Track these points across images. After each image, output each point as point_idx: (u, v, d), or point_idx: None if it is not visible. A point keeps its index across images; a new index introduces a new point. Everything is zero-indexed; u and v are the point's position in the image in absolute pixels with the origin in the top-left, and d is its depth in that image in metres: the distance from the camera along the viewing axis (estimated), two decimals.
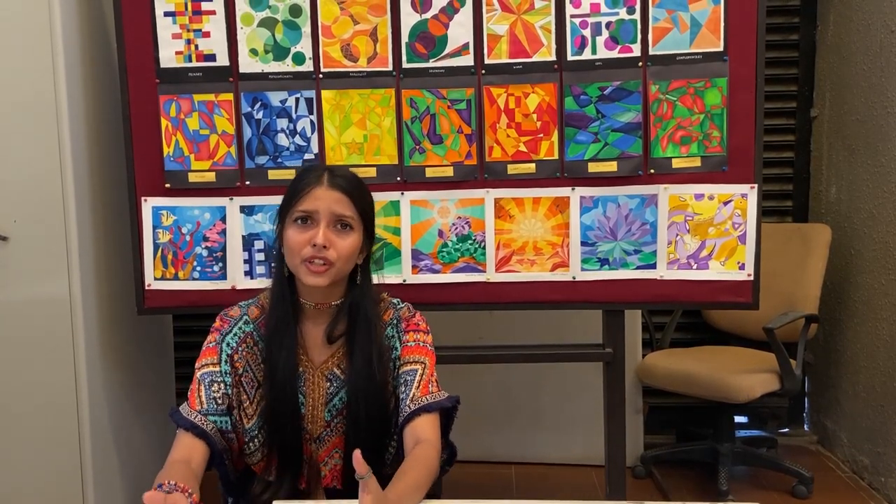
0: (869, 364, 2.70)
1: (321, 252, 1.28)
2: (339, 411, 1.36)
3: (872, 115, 2.66)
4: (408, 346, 1.38)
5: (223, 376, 1.35)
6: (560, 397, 2.85)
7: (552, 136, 1.96)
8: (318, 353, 1.38)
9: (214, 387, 1.34)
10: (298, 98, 1.98)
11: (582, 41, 1.93)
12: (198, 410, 1.32)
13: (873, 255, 2.67)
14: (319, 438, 1.37)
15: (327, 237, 1.28)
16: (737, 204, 1.95)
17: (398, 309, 1.42)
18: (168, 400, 2.59)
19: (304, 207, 1.30)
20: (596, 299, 2.02)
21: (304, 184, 1.31)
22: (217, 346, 1.36)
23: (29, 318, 2.05)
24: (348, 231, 1.31)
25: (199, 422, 1.30)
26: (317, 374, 1.37)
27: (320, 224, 1.29)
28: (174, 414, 1.33)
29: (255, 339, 1.37)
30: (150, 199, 2.03)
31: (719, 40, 1.90)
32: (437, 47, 1.95)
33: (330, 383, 1.36)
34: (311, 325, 1.38)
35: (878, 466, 2.64)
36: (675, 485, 2.72)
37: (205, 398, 1.33)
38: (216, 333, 1.37)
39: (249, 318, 1.39)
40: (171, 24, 1.97)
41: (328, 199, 1.30)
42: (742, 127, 1.92)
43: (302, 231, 1.30)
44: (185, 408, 1.34)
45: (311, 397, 1.36)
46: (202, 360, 1.37)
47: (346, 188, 1.32)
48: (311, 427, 1.37)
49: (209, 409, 1.33)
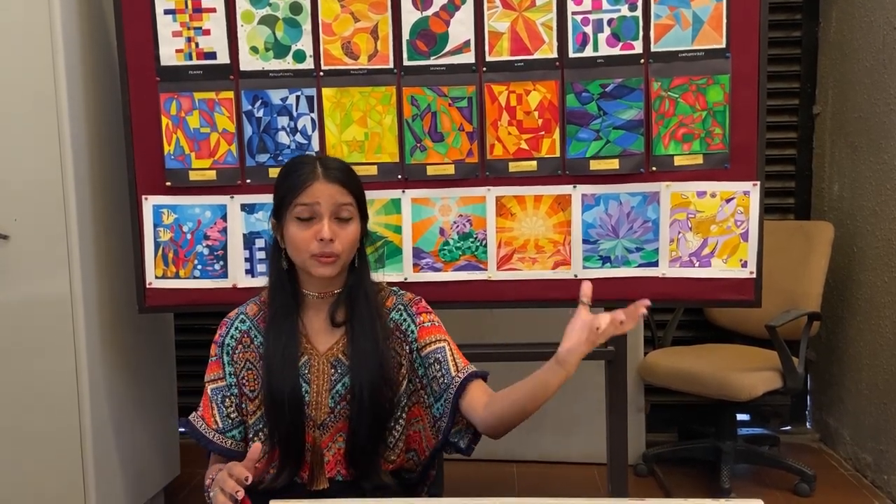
0: (871, 362, 2.69)
1: (328, 246, 1.31)
2: (342, 397, 1.37)
3: (875, 111, 2.65)
4: (424, 327, 1.41)
5: (230, 388, 1.40)
6: (562, 396, 2.78)
7: (553, 133, 1.95)
8: (321, 341, 1.39)
9: (226, 402, 1.40)
10: (299, 96, 1.98)
11: (583, 38, 1.92)
12: (215, 430, 1.39)
13: (876, 252, 2.66)
14: (323, 425, 1.37)
15: (332, 230, 1.31)
16: (739, 201, 1.94)
17: (400, 295, 1.44)
18: (170, 398, 2.59)
19: (305, 203, 1.31)
20: (597, 297, 1.96)
21: (299, 179, 1.33)
22: (219, 359, 1.41)
23: (29, 318, 2.05)
24: (349, 221, 1.34)
25: (219, 441, 1.39)
26: (321, 360, 1.38)
27: (324, 218, 1.31)
28: (190, 428, 1.40)
29: (251, 336, 1.39)
30: (150, 197, 2.02)
31: (721, 37, 1.90)
32: (437, 45, 1.94)
33: (334, 369, 1.37)
34: (314, 314, 1.40)
35: (881, 464, 2.63)
36: (678, 483, 2.72)
37: (219, 417, 1.39)
38: (215, 346, 1.41)
39: (248, 315, 1.41)
40: (171, 21, 1.96)
41: (328, 193, 1.32)
42: (744, 124, 1.91)
43: (305, 227, 1.32)
44: (203, 424, 1.40)
45: (316, 384, 1.37)
46: (209, 375, 1.41)
47: (342, 178, 1.34)
48: (315, 414, 1.37)
49: (225, 426, 1.39)
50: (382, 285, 1.45)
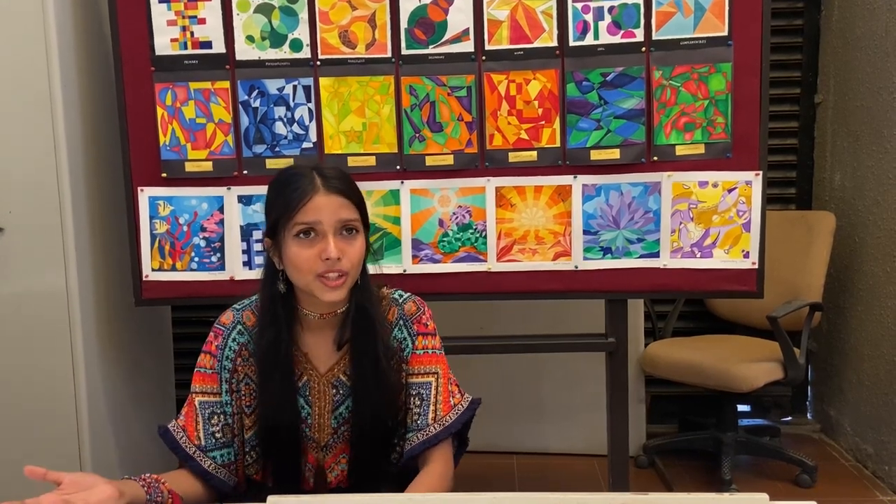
0: (873, 352, 2.68)
1: (335, 265, 1.19)
2: (345, 419, 1.31)
3: (877, 101, 2.63)
4: (416, 355, 1.31)
5: (223, 406, 1.28)
6: (562, 387, 2.84)
7: (554, 123, 1.93)
8: (322, 362, 1.31)
9: (214, 419, 1.28)
10: (296, 86, 1.95)
11: (584, 26, 1.90)
12: (197, 446, 1.27)
13: (878, 242, 2.64)
14: (326, 446, 1.32)
15: (339, 248, 1.19)
16: (741, 191, 1.92)
17: (402, 305, 1.34)
18: (167, 391, 2.58)
19: (307, 220, 1.18)
20: (598, 288, 1.99)
21: (297, 193, 1.19)
22: (216, 373, 1.29)
23: (25, 310, 2.03)
24: (354, 235, 1.22)
25: (199, 459, 1.26)
26: (322, 381, 1.31)
27: (328, 235, 1.19)
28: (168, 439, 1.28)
29: (249, 350, 1.30)
30: (146, 189, 2.00)
31: (724, 25, 1.87)
32: (436, 33, 1.92)
33: (336, 390, 1.31)
34: (314, 335, 1.30)
35: (882, 455, 2.62)
36: (678, 474, 2.71)
37: (203, 434, 1.27)
38: (211, 357, 1.29)
39: (245, 325, 1.31)
40: (165, 10, 1.94)
41: (331, 207, 1.19)
42: (747, 113, 1.89)
43: (308, 246, 1.19)
44: (184, 437, 1.27)
45: (318, 406, 1.31)
46: (200, 386, 1.29)
47: (344, 189, 1.22)
48: (318, 436, 1.31)
49: (207, 445, 1.27)
50: (383, 293, 1.35)
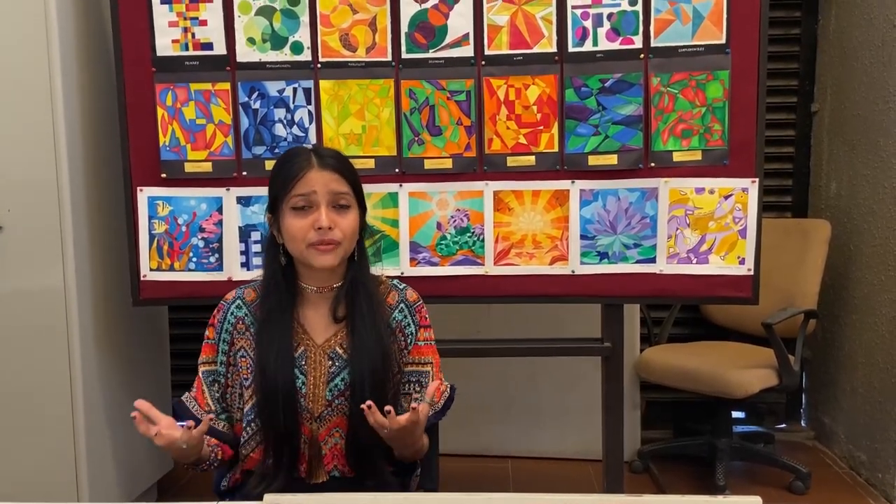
0: (867, 360, 2.69)
1: (327, 234, 1.29)
2: (340, 392, 1.35)
3: (873, 110, 2.65)
4: (418, 346, 1.40)
5: (218, 375, 1.39)
6: (558, 391, 2.84)
7: (552, 128, 1.94)
8: (319, 333, 1.37)
9: (214, 387, 1.40)
10: (296, 88, 1.96)
11: (583, 32, 1.91)
12: (207, 411, 1.37)
13: (873, 251, 2.66)
14: (320, 418, 1.36)
15: (331, 218, 1.30)
16: (737, 198, 1.93)
17: (402, 291, 1.42)
18: (164, 391, 2.58)
19: (301, 192, 1.30)
20: (595, 293, 2.00)
21: (294, 169, 1.31)
22: (214, 343, 1.40)
23: (23, 309, 2.03)
24: (347, 209, 1.33)
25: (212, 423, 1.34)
26: (318, 352, 1.36)
27: (321, 206, 1.30)
28: (182, 409, 1.38)
29: (246, 323, 1.38)
30: (145, 189, 2.01)
31: (721, 32, 1.89)
32: (436, 37, 1.93)
33: (332, 362, 1.36)
34: (312, 308, 1.38)
35: (876, 462, 2.63)
36: (673, 480, 2.72)
37: (210, 400, 1.39)
38: (212, 328, 1.40)
39: (245, 300, 1.40)
40: (167, 11, 1.95)
41: (323, 181, 1.30)
42: (744, 120, 1.91)
43: (303, 216, 1.30)
44: (196, 406, 1.38)
45: (313, 376, 1.35)
46: (202, 357, 1.41)
47: (337, 166, 1.33)
48: (312, 406, 1.35)
49: (217, 409, 1.39)
50: (382, 279, 1.44)
